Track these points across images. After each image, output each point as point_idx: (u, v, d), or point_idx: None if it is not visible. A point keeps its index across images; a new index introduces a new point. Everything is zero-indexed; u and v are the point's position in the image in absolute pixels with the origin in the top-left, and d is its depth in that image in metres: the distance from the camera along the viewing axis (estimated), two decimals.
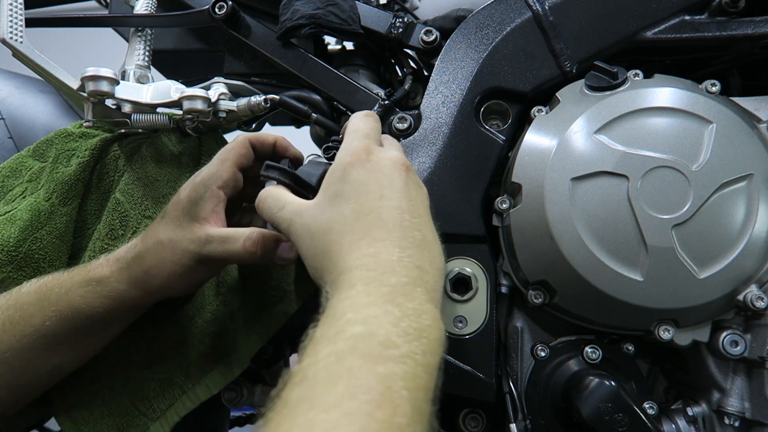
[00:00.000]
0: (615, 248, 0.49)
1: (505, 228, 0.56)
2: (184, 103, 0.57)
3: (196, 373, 0.56)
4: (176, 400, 0.55)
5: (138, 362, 0.56)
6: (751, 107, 0.54)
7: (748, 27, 0.56)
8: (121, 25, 0.69)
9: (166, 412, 0.55)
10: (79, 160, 0.60)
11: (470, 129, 0.58)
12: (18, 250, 0.55)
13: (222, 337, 0.57)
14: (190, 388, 0.55)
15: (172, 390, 0.55)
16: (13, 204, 0.59)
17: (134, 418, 0.54)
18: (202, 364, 0.56)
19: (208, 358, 0.56)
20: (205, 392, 0.55)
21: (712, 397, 0.54)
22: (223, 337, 0.57)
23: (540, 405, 0.55)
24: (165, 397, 0.55)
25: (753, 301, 0.49)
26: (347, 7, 0.64)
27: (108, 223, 0.59)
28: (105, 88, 0.55)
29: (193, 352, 0.56)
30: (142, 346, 0.56)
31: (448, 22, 0.67)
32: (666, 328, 0.51)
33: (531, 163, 0.54)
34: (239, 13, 0.65)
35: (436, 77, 0.60)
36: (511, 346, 0.57)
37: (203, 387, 0.56)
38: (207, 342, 0.56)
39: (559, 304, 0.54)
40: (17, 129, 0.79)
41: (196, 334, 0.56)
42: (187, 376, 0.55)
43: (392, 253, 0.36)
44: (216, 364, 0.56)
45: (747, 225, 0.49)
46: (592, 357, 0.55)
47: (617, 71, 0.54)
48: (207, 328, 0.56)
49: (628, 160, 0.50)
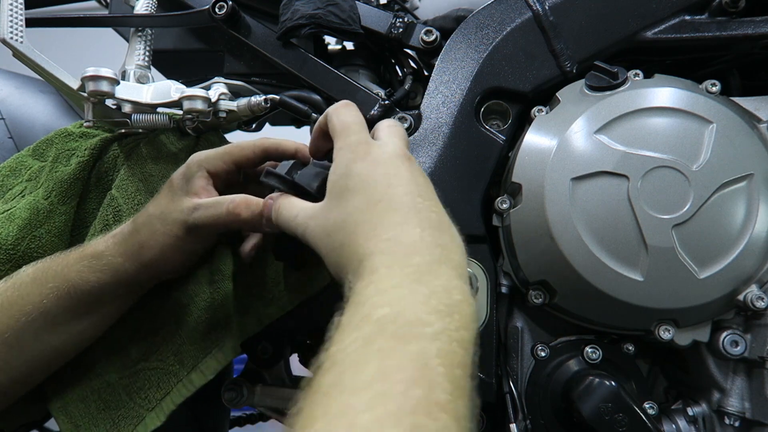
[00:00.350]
0: (615, 248, 0.49)
1: (505, 228, 0.56)
2: (184, 103, 0.57)
3: (190, 360, 0.56)
4: (172, 388, 0.55)
5: (133, 354, 0.56)
6: (751, 107, 0.54)
7: (748, 27, 0.56)
8: (121, 25, 0.69)
9: (162, 401, 0.55)
10: (78, 159, 0.60)
11: (470, 129, 0.58)
12: (16, 249, 0.56)
13: (216, 324, 0.57)
14: (186, 376, 0.55)
15: (168, 378, 0.55)
16: (12, 203, 0.60)
17: (130, 410, 0.54)
18: (196, 351, 0.56)
19: (202, 345, 0.56)
20: (200, 378, 0.56)
21: (713, 397, 0.54)
22: (217, 324, 0.57)
23: (540, 405, 0.55)
24: (160, 386, 0.55)
25: (753, 301, 0.49)
26: (347, 7, 0.64)
27: (102, 218, 0.59)
28: (105, 88, 0.55)
29: (187, 340, 0.56)
30: (137, 338, 0.56)
31: (448, 22, 0.67)
32: (666, 328, 0.51)
33: (531, 163, 0.54)
34: (239, 13, 0.65)
35: (436, 77, 0.60)
36: (511, 346, 0.57)
37: (198, 373, 0.56)
38: (201, 329, 0.57)
39: (559, 304, 0.54)
40: (17, 129, 0.79)
41: (190, 322, 0.57)
42: (181, 364, 0.56)
43: (411, 235, 0.36)
44: (210, 349, 0.56)
45: (747, 225, 0.49)
46: (592, 357, 0.55)
47: (617, 71, 0.54)
48: (201, 316, 0.57)
49: (628, 160, 0.50)
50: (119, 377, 0.55)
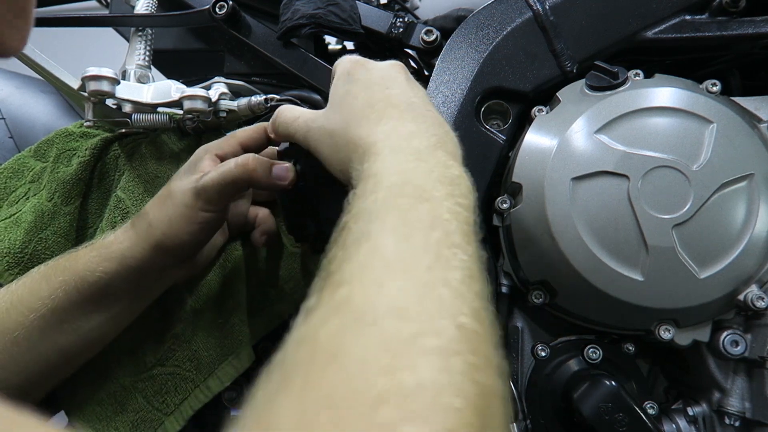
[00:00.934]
0: (615, 248, 0.49)
1: (506, 228, 0.56)
2: (184, 102, 0.57)
3: (206, 366, 0.56)
4: (189, 394, 0.55)
5: (148, 359, 0.56)
6: (751, 107, 0.54)
7: (749, 27, 0.56)
8: (121, 25, 0.69)
9: (180, 406, 0.55)
10: (79, 159, 0.60)
11: (471, 129, 0.58)
12: (24, 252, 0.56)
13: (231, 329, 0.57)
14: (203, 382, 0.55)
15: (185, 384, 0.55)
16: (17, 206, 0.60)
17: (148, 414, 0.54)
18: (212, 357, 0.56)
19: (218, 350, 0.56)
20: (218, 385, 0.55)
21: (713, 397, 0.54)
22: (232, 329, 0.57)
23: (540, 405, 0.55)
24: (177, 391, 0.55)
25: (753, 301, 0.49)
26: (348, 7, 0.64)
27: (110, 220, 0.59)
28: (106, 88, 0.55)
29: (202, 346, 0.56)
30: (150, 342, 0.56)
31: (448, 21, 0.67)
32: (666, 328, 0.51)
33: (531, 162, 0.54)
34: (240, 12, 0.65)
35: (437, 77, 0.60)
36: (511, 345, 0.57)
37: (215, 380, 0.56)
38: (216, 334, 0.56)
39: (559, 304, 0.54)
40: (18, 129, 0.79)
41: (204, 327, 0.56)
42: (198, 370, 0.56)
43: (409, 126, 0.38)
44: (227, 356, 0.56)
45: (747, 225, 0.49)
46: (592, 357, 0.55)
47: (618, 71, 0.54)
48: (215, 320, 0.57)
49: (628, 159, 0.50)
50: (134, 381, 0.55)
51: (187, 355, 0.56)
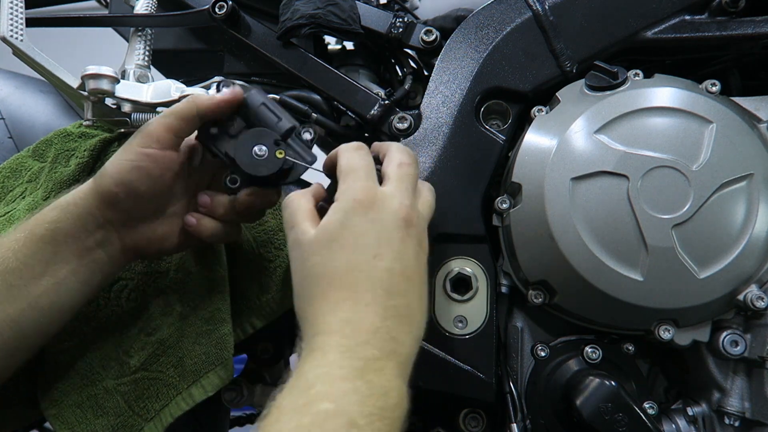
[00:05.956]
0: (615, 248, 0.49)
1: (505, 228, 0.56)
2: None
3: (190, 373, 0.55)
4: (171, 400, 0.54)
5: (133, 362, 0.55)
6: (751, 107, 0.54)
7: (748, 27, 0.56)
8: (121, 24, 0.69)
9: (160, 412, 0.54)
10: (78, 160, 0.60)
11: (470, 129, 0.58)
12: None
13: (220, 339, 0.56)
14: (185, 389, 0.55)
15: (167, 390, 0.55)
16: (12, 205, 0.60)
17: (128, 419, 0.54)
18: (196, 365, 0.55)
19: (203, 358, 0.55)
20: (201, 393, 0.55)
21: (712, 396, 0.54)
22: (222, 339, 0.56)
23: (540, 405, 0.55)
24: (159, 397, 0.54)
25: (753, 301, 0.49)
26: (347, 7, 0.64)
27: None
28: (105, 87, 0.55)
29: (187, 353, 0.55)
30: (136, 346, 0.56)
31: (448, 22, 0.67)
32: (666, 328, 0.51)
33: (531, 162, 0.54)
34: (239, 12, 0.65)
35: (436, 77, 0.60)
36: (511, 346, 0.57)
37: (199, 388, 0.55)
38: (203, 342, 0.56)
39: (559, 304, 0.54)
40: (17, 129, 0.79)
41: (191, 334, 0.56)
42: (182, 377, 0.55)
43: (372, 322, 0.38)
44: (213, 365, 0.55)
45: (747, 225, 0.49)
46: (592, 357, 0.55)
47: (617, 71, 0.54)
48: (201, 328, 0.56)
49: (628, 159, 0.50)
50: (117, 383, 0.55)
51: (171, 360, 0.55)
